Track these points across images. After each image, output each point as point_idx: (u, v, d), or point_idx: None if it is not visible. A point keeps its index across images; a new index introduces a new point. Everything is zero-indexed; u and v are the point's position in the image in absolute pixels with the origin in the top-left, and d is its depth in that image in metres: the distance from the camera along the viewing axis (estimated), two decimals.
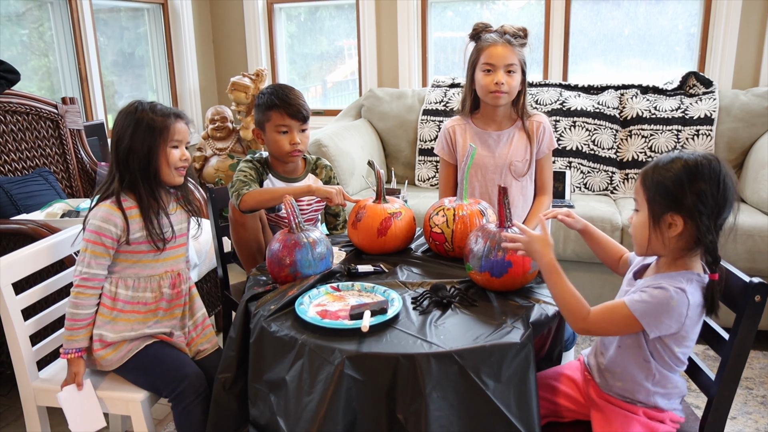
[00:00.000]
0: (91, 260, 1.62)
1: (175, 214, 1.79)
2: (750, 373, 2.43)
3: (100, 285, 1.66)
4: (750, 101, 3.11)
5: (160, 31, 4.10)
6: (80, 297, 1.62)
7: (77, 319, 1.63)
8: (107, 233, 1.62)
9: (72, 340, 1.63)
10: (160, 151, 1.67)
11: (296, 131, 1.99)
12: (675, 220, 1.26)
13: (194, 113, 4.28)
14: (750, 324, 1.31)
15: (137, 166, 1.66)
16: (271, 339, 1.38)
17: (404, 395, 1.24)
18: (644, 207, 1.30)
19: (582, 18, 3.71)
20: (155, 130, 1.66)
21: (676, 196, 1.24)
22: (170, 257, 1.76)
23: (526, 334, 1.31)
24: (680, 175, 1.24)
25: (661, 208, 1.27)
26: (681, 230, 1.26)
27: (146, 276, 1.71)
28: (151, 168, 1.68)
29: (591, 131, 3.24)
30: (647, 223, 1.29)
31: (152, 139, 1.66)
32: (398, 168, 3.67)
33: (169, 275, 1.76)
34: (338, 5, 4.22)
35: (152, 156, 1.67)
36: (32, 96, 2.80)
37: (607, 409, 1.41)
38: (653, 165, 1.30)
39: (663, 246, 1.30)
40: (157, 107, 1.70)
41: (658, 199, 1.26)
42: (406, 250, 1.88)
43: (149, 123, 1.66)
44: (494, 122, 2.13)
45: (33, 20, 3.21)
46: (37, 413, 1.73)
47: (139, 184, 1.67)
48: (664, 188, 1.26)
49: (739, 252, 2.57)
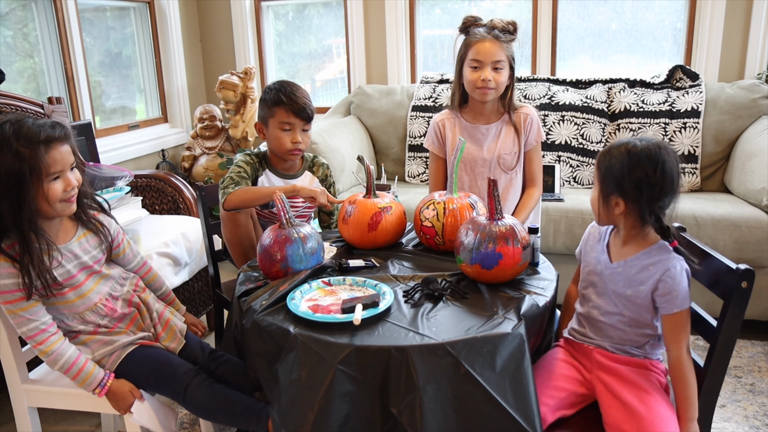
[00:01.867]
0: (25, 317, 1.46)
1: (81, 242, 1.58)
2: (738, 362, 2.46)
3: (55, 328, 1.51)
4: (736, 94, 3.13)
5: (147, 31, 4.07)
6: (51, 349, 1.48)
7: (72, 363, 1.51)
8: (12, 288, 1.43)
9: (90, 380, 1.53)
10: (33, 189, 1.40)
11: (299, 130, 2.00)
12: (618, 202, 1.40)
13: (183, 112, 4.26)
14: (737, 310, 1.33)
15: (7, 207, 1.39)
16: (263, 334, 1.38)
17: (397, 388, 1.25)
18: (596, 185, 1.45)
19: (569, 13, 3.73)
20: (23, 165, 1.37)
21: (618, 181, 1.38)
22: (84, 293, 1.56)
23: (517, 325, 1.32)
24: (624, 161, 1.37)
25: (607, 189, 1.41)
26: (623, 210, 1.40)
27: (82, 312, 1.57)
28: (25, 209, 1.40)
29: (579, 125, 3.26)
30: (598, 200, 1.44)
31: (19, 176, 1.37)
32: (388, 164, 3.67)
33: (102, 305, 1.59)
34: (326, 3, 4.21)
35: (24, 195, 1.39)
36: (18, 96, 2.77)
37: (619, 371, 1.45)
38: (607, 148, 1.43)
39: (613, 220, 1.45)
40: (27, 130, 1.38)
41: (606, 181, 1.40)
42: (397, 245, 1.88)
43: (14, 157, 1.36)
44: (483, 116, 2.14)
45: (17, 21, 3.19)
46: (28, 415, 1.72)
47: (12, 230, 1.41)
48: (611, 172, 1.39)
49: (726, 242, 2.60)
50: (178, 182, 2.89)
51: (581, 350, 1.54)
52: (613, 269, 1.46)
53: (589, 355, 1.52)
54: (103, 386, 1.54)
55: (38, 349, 1.50)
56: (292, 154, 2.03)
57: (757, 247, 2.56)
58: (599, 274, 1.49)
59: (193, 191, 2.91)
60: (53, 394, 1.68)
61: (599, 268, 1.50)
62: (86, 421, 2.20)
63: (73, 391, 1.66)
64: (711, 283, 1.44)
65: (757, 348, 2.57)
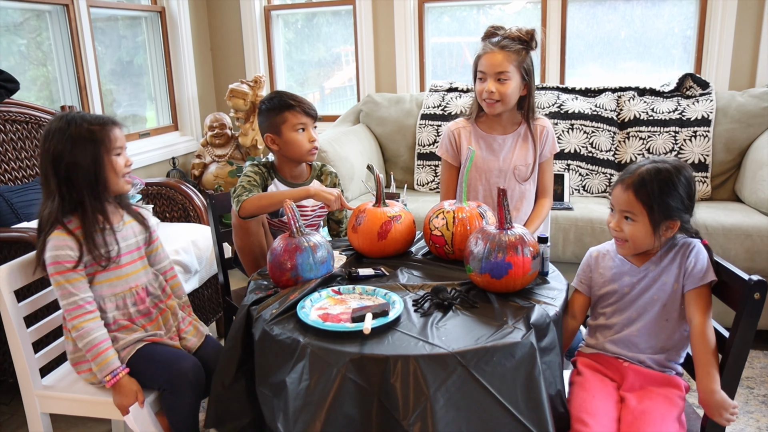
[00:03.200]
0: (69, 289, 1.57)
1: (129, 227, 1.74)
2: (751, 373, 2.44)
3: (93, 306, 1.61)
4: (747, 102, 3.12)
5: (158, 39, 4.11)
6: (82, 326, 1.58)
7: (95, 344, 1.58)
8: (67, 259, 1.57)
9: (105, 366, 1.59)
10: (105, 161, 1.61)
11: (311, 128, 2.04)
12: (673, 224, 1.46)
13: (193, 120, 4.29)
14: (750, 321, 1.32)
15: (84, 181, 1.59)
16: (273, 343, 1.39)
17: (407, 398, 1.24)
18: (643, 218, 1.46)
19: (578, 21, 3.73)
20: (96, 141, 1.59)
21: (675, 204, 1.44)
22: (128, 273, 1.70)
23: (527, 334, 1.31)
24: (674, 183, 1.44)
25: (661, 217, 1.45)
26: (676, 230, 1.48)
27: (121, 292, 1.68)
28: (100, 180, 1.61)
29: (589, 134, 3.26)
30: (650, 231, 1.46)
31: (95, 150, 1.59)
32: (397, 173, 3.68)
33: (133, 292, 1.71)
34: (335, 11, 4.23)
35: (99, 167, 1.60)
36: (31, 105, 2.80)
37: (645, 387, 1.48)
38: (639, 178, 1.46)
39: (654, 245, 1.50)
40: (87, 117, 1.62)
41: (658, 210, 1.44)
42: (406, 253, 1.88)
43: (88, 134, 1.59)
44: (499, 126, 2.13)
45: (31, 30, 3.23)
46: (41, 420, 1.73)
47: (84, 201, 1.60)
48: (664, 198, 1.43)
49: (737, 252, 2.58)
50: (189, 190, 2.91)
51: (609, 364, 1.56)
52: (643, 271, 1.52)
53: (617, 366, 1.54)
54: (115, 375, 1.59)
55: (71, 324, 1.58)
56: (311, 154, 2.06)
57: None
58: (629, 284, 1.53)
59: (203, 199, 2.93)
60: (65, 400, 1.69)
61: (627, 279, 1.54)
62: (97, 427, 2.21)
63: (85, 397, 1.67)
64: (722, 294, 1.43)
65: None
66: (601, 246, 1.64)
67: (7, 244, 2.18)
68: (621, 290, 1.55)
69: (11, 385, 2.28)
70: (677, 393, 1.46)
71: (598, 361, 1.57)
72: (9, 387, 2.41)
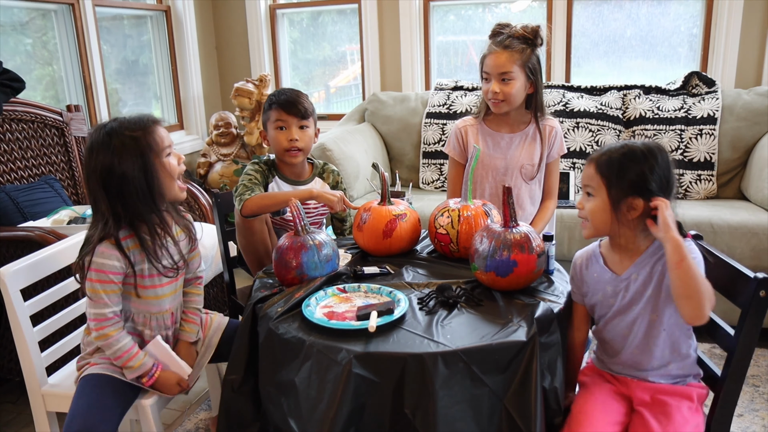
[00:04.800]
0: (104, 299, 1.52)
1: (179, 238, 1.66)
2: (756, 371, 2.43)
3: (119, 319, 1.56)
4: (753, 100, 3.11)
5: (164, 38, 4.12)
6: (110, 335, 1.54)
7: (126, 351, 1.55)
8: (112, 269, 1.51)
9: (140, 367, 1.57)
10: (156, 166, 1.51)
11: (294, 128, 2.00)
12: (635, 204, 1.36)
13: (198, 119, 4.30)
14: (755, 319, 1.32)
15: (137, 193, 1.49)
16: (279, 341, 1.39)
17: (412, 394, 1.25)
18: (602, 192, 1.39)
19: (584, 20, 3.72)
20: (142, 147, 1.49)
21: (636, 180, 1.35)
22: (163, 295, 1.64)
23: (532, 332, 1.31)
24: (638, 159, 1.35)
25: (621, 193, 1.36)
26: (640, 211, 1.37)
27: (155, 313, 1.64)
28: (154, 188, 1.51)
29: (594, 132, 3.25)
30: (608, 207, 1.38)
31: (144, 158, 1.49)
32: (402, 171, 3.67)
33: (164, 316, 1.66)
34: (340, 10, 4.24)
35: (150, 175, 1.50)
36: (37, 104, 2.82)
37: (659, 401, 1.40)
38: (605, 153, 1.40)
39: (623, 228, 1.40)
40: (126, 123, 1.51)
41: (618, 185, 1.36)
42: (411, 252, 1.88)
43: (132, 142, 1.48)
44: (507, 125, 2.12)
45: (37, 29, 3.24)
46: (47, 419, 1.74)
47: (141, 215, 1.52)
48: (623, 174, 1.35)
49: (743, 250, 2.57)
50: (194, 189, 2.91)
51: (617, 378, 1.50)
52: (623, 280, 1.43)
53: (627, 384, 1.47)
54: (152, 376, 1.58)
55: (98, 332, 1.54)
56: (290, 154, 2.02)
57: None
58: (612, 295, 1.45)
59: (208, 198, 2.93)
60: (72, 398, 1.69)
61: (609, 289, 1.45)
62: None
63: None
64: (728, 292, 1.43)
65: None
66: (585, 250, 1.55)
67: (13, 243, 2.19)
68: (606, 301, 1.47)
69: (18, 384, 2.28)
70: (688, 405, 1.40)
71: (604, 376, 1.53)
72: (15, 386, 2.42)
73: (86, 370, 1.62)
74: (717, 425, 1.38)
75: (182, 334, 1.74)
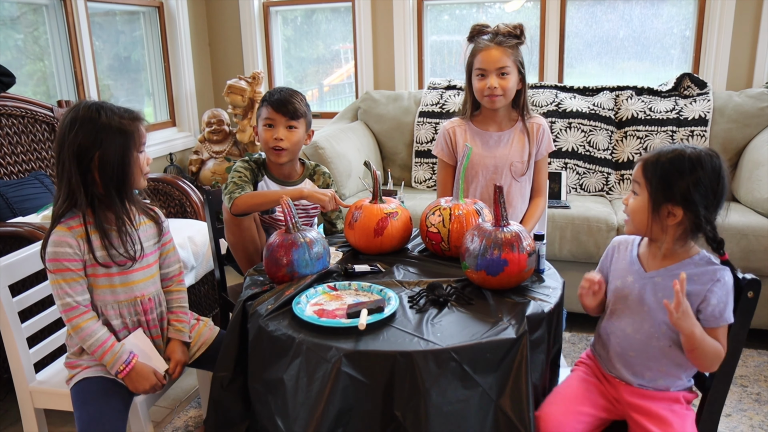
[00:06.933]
0: (65, 289, 1.50)
1: (143, 228, 1.64)
2: (744, 371, 2.44)
3: (88, 309, 1.54)
4: (744, 102, 3.13)
5: (156, 35, 4.10)
6: (82, 326, 1.52)
7: (101, 343, 1.53)
8: (65, 257, 1.49)
9: (116, 360, 1.54)
10: (133, 156, 1.51)
11: (281, 127, 1.98)
12: (674, 211, 1.32)
13: (191, 116, 4.28)
14: (743, 320, 1.33)
15: (111, 176, 1.48)
16: (268, 338, 1.39)
17: (402, 393, 1.25)
18: (644, 193, 1.36)
19: (577, 21, 3.73)
20: (127, 134, 1.49)
21: (676, 189, 1.30)
22: (135, 281, 1.61)
23: (521, 331, 1.32)
24: (683, 167, 1.31)
25: (661, 199, 1.33)
26: (678, 220, 1.33)
27: (111, 302, 1.59)
28: (127, 176, 1.51)
29: (586, 132, 3.26)
30: (647, 209, 1.35)
31: (126, 144, 1.49)
32: (395, 170, 3.67)
33: (138, 302, 1.63)
34: (334, 8, 4.23)
35: (126, 162, 1.49)
36: (28, 99, 2.80)
37: (650, 409, 1.39)
38: (654, 155, 1.36)
39: (661, 232, 1.36)
40: (116, 108, 1.51)
41: (660, 190, 1.32)
42: (402, 250, 1.88)
43: (120, 126, 1.48)
44: (494, 123, 2.13)
45: (28, 24, 3.21)
46: (35, 416, 1.73)
47: (107, 197, 1.51)
48: (666, 180, 1.32)
49: (733, 251, 2.59)
50: (186, 186, 2.91)
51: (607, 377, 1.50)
52: (648, 278, 1.41)
53: (615, 386, 1.47)
54: (128, 363, 1.55)
55: (70, 324, 1.53)
56: (275, 152, 2.00)
57: (763, 256, 2.55)
58: (630, 287, 1.43)
59: (200, 195, 2.93)
60: (60, 395, 1.69)
61: (630, 279, 1.44)
62: None
63: None
64: None
65: (763, 357, 2.55)
66: (627, 236, 1.51)
67: (2, 238, 2.18)
68: (622, 289, 1.45)
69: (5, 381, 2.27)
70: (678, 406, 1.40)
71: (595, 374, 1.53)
72: (3, 382, 2.40)
73: (79, 374, 1.59)
74: (705, 425, 1.39)
75: (175, 333, 1.72)
